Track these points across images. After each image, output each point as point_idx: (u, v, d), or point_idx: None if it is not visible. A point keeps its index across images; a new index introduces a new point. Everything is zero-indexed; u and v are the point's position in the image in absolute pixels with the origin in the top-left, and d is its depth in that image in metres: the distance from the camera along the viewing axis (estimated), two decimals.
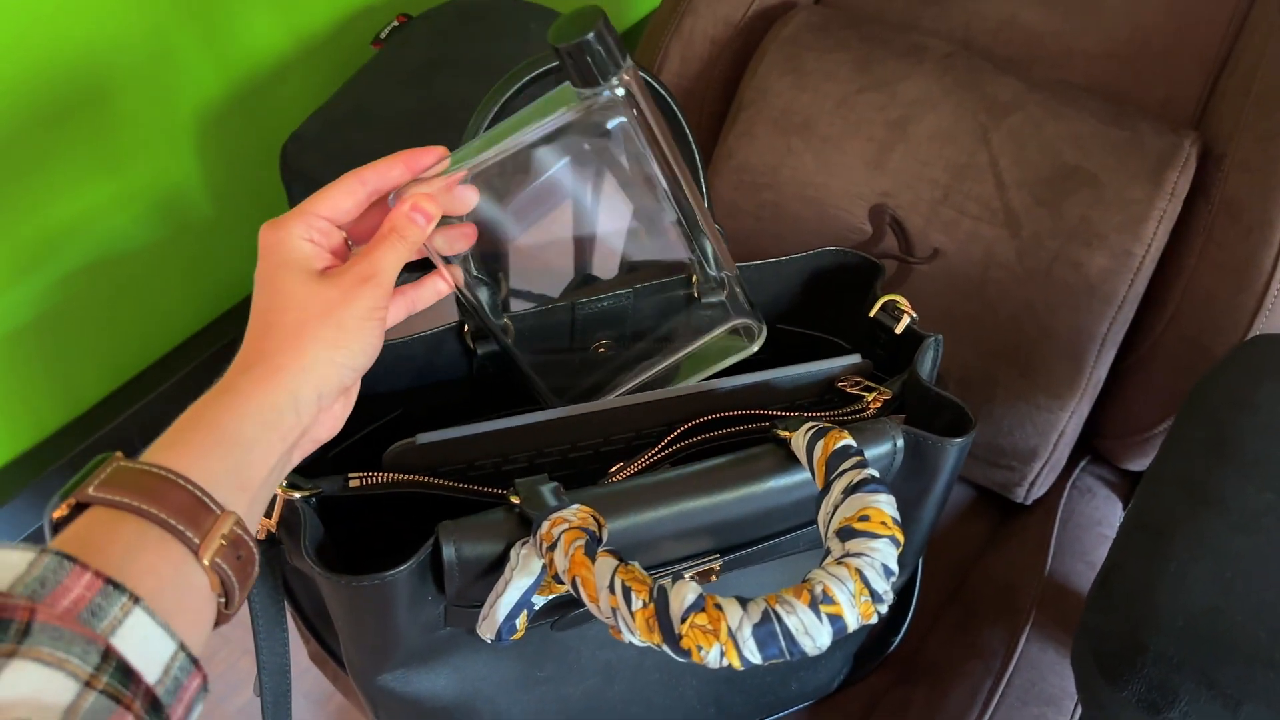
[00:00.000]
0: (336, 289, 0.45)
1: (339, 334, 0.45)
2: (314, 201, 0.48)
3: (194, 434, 0.41)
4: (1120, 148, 0.77)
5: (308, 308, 0.44)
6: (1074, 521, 0.84)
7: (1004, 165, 0.80)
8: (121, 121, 1.00)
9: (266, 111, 1.11)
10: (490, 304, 0.61)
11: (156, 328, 1.17)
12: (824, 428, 0.52)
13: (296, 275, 0.45)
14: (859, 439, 0.54)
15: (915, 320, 0.64)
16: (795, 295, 0.71)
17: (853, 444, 0.50)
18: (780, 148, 0.86)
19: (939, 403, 0.59)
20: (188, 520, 0.37)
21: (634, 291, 0.66)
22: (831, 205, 0.85)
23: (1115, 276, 0.76)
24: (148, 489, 0.37)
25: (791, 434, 0.53)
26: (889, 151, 0.83)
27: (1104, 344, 0.77)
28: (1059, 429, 0.80)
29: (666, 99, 0.63)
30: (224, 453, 0.40)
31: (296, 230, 0.47)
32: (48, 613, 0.31)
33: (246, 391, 0.42)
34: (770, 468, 0.54)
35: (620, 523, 0.51)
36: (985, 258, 0.80)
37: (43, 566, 0.33)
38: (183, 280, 1.16)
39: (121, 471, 0.38)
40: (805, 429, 0.52)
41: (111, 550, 0.35)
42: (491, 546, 0.50)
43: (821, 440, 0.51)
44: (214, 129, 1.07)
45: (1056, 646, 0.74)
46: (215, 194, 1.12)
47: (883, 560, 0.43)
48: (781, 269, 0.70)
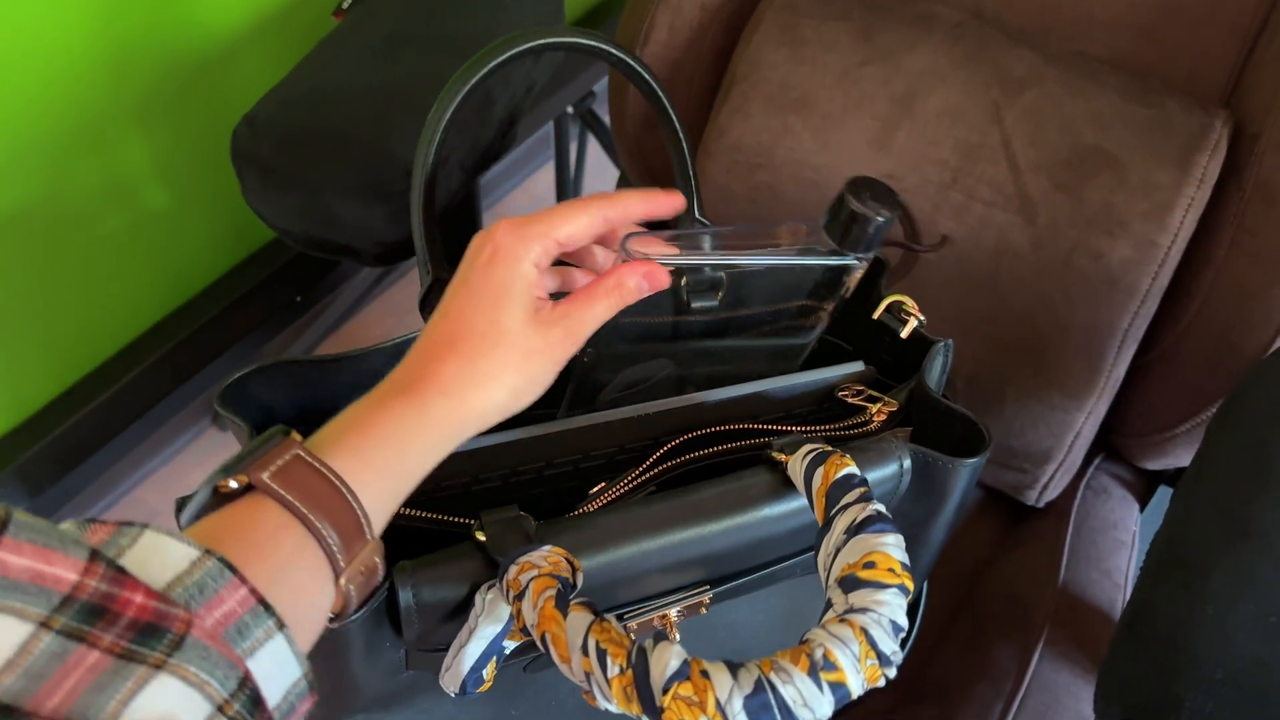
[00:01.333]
0: (543, 338, 0.44)
1: (529, 384, 0.44)
2: (556, 223, 0.45)
3: (377, 449, 0.40)
4: (1145, 127, 0.71)
5: (513, 347, 0.43)
6: (1088, 525, 0.79)
7: (1018, 146, 0.74)
8: (61, 105, 0.93)
9: (221, 90, 1.03)
10: None
11: (106, 323, 1.10)
12: (823, 452, 0.46)
13: (517, 308, 0.44)
14: (861, 460, 0.49)
15: (923, 323, 0.59)
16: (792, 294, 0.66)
17: (855, 473, 0.45)
18: (776, 126, 0.80)
19: (949, 415, 0.53)
20: (345, 542, 0.38)
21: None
22: (832, 188, 0.78)
23: (1138, 268, 0.70)
24: (321, 497, 0.37)
25: (788, 457, 0.48)
26: (894, 130, 0.77)
27: (1125, 340, 0.72)
28: (1074, 430, 0.75)
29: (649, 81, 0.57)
30: (396, 477, 0.41)
31: (535, 251, 0.44)
32: (201, 627, 0.31)
33: (435, 420, 0.42)
34: (764, 494, 0.49)
35: (600, 559, 0.46)
36: (997, 246, 0.74)
37: (204, 571, 0.32)
38: (133, 272, 1.09)
39: (299, 465, 0.38)
40: (803, 453, 0.47)
41: (270, 559, 0.36)
42: (455, 590, 0.45)
43: (821, 467, 0.45)
44: (164, 111, 1.00)
45: (1071, 666, 0.69)
46: (168, 180, 1.05)
47: (890, 616, 0.38)
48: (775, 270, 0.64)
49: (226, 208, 1.14)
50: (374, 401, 0.42)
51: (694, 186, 0.61)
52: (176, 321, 1.14)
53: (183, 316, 1.15)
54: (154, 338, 1.13)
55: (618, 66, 0.58)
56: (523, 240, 0.44)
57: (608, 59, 0.57)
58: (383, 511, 0.40)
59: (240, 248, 1.20)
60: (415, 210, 0.54)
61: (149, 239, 1.08)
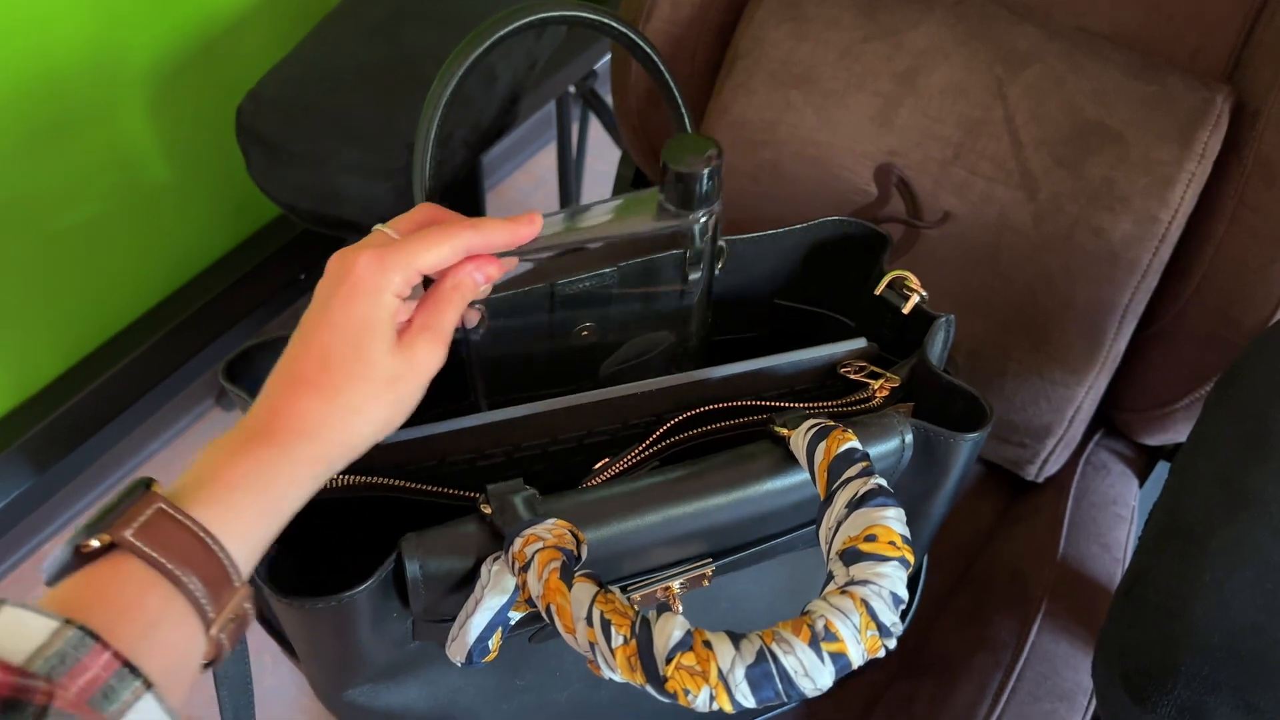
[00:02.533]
0: (406, 362, 0.44)
1: (396, 411, 0.45)
2: (418, 253, 0.45)
3: (242, 496, 0.40)
4: (1147, 104, 0.71)
5: (377, 379, 0.43)
6: (1087, 500, 0.79)
7: (1020, 122, 0.74)
8: (65, 81, 0.93)
9: (224, 67, 1.04)
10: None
11: (111, 301, 1.11)
12: (826, 427, 0.47)
13: (381, 340, 0.43)
14: (863, 435, 0.49)
15: (925, 299, 0.59)
16: (794, 269, 0.66)
17: (857, 447, 0.45)
18: (779, 102, 0.80)
19: (951, 391, 0.54)
20: (213, 594, 0.37)
21: (618, 270, 0.61)
22: (834, 165, 0.79)
23: (1139, 243, 0.70)
24: (186, 551, 0.37)
25: (790, 432, 0.49)
26: (896, 106, 0.77)
27: (1125, 315, 0.72)
28: (1075, 405, 0.75)
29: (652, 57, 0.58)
30: (263, 521, 0.40)
31: (396, 282, 0.44)
32: (64, 697, 0.31)
33: (300, 461, 0.41)
34: (766, 469, 0.49)
35: (604, 532, 0.47)
36: (999, 222, 0.74)
37: (65, 640, 0.32)
38: (138, 250, 1.10)
39: (162, 519, 0.37)
40: (805, 428, 0.48)
41: (137, 620, 0.35)
42: (460, 562, 0.45)
43: (823, 442, 0.46)
44: (167, 88, 1.00)
45: (1070, 638, 0.70)
46: (172, 158, 1.05)
47: (891, 588, 0.38)
48: (779, 241, 0.65)
49: (230, 185, 1.14)
50: (237, 444, 0.41)
51: None
52: (180, 299, 1.15)
53: (186, 294, 1.15)
54: (158, 315, 1.13)
55: (620, 41, 0.58)
56: (383, 271, 0.43)
57: (610, 33, 0.58)
58: (252, 555, 0.40)
59: (244, 225, 1.20)
60: (418, 186, 0.54)
61: (153, 216, 1.08)
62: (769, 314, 0.69)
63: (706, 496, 0.49)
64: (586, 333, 0.63)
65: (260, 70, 0.78)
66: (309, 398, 0.42)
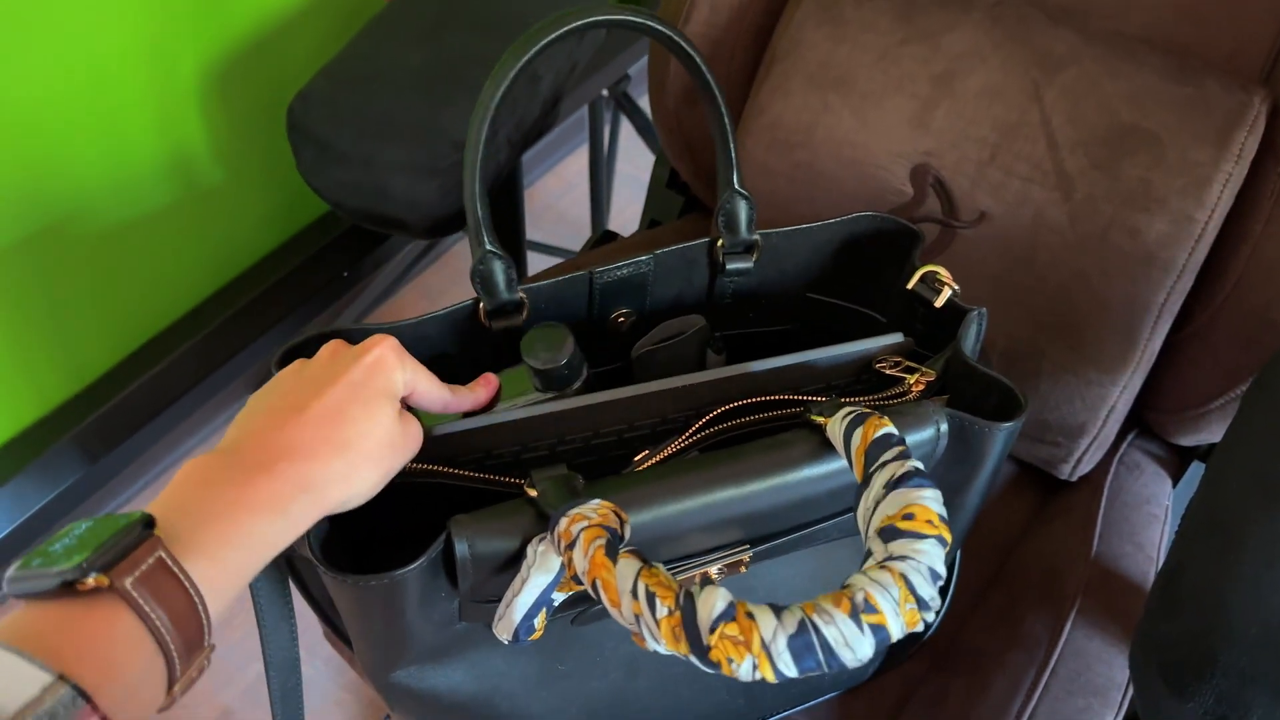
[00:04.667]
0: (403, 432, 0.48)
1: (384, 477, 0.47)
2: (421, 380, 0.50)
3: (235, 552, 0.40)
4: (1183, 106, 0.72)
5: (381, 443, 0.46)
6: (1121, 500, 0.80)
7: (1057, 124, 0.75)
8: (120, 80, 0.96)
9: (273, 68, 1.06)
10: (505, 279, 0.58)
11: (162, 295, 1.13)
12: (862, 413, 0.48)
13: (390, 408, 0.47)
14: (899, 423, 0.50)
15: (957, 293, 0.60)
16: (827, 263, 0.67)
17: (894, 432, 0.46)
18: (816, 104, 0.81)
19: (985, 383, 0.55)
20: (187, 655, 0.38)
21: (654, 258, 0.63)
22: (871, 165, 0.80)
23: (1175, 244, 0.71)
24: (176, 612, 0.37)
25: (827, 419, 0.50)
26: (933, 108, 0.78)
27: (1160, 315, 0.73)
28: (1109, 404, 0.76)
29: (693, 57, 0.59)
30: (246, 574, 0.41)
31: (405, 377, 0.49)
32: None
33: (295, 516, 0.42)
34: (804, 455, 0.50)
35: (645, 515, 0.48)
36: (1035, 222, 0.75)
37: (56, 699, 0.32)
38: (189, 245, 1.12)
39: (162, 573, 0.37)
40: (842, 415, 0.49)
41: (121, 680, 0.35)
42: (507, 542, 0.46)
43: (860, 428, 0.47)
44: (218, 87, 1.03)
45: (1103, 634, 0.70)
46: (221, 155, 1.08)
47: (929, 563, 0.39)
48: (813, 236, 0.66)
49: (276, 184, 1.17)
50: (235, 487, 0.41)
51: (733, 159, 0.62)
52: (227, 295, 1.18)
53: (233, 290, 1.18)
54: (205, 311, 1.16)
55: (663, 42, 0.60)
56: (400, 364, 0.48)
57: (655, 35, 0.59)
58: (234, 596, 0.41)
59: (289, 224, 1.23)
60: (469, 184, 0.56)
61: (202, 215, 1.11)
62: (801, 307, 0.70)
63: (744, 482, 0.50)
64: (623, 319, 0.65)
65: (308, 72, 0.80)
66: (319, 453, 0.44)
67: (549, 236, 1.61)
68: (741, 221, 0.63)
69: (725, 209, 0.63)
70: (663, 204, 1.02)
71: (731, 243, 0.63)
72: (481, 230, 0.56)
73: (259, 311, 1.15)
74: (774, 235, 0.64)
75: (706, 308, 0.67)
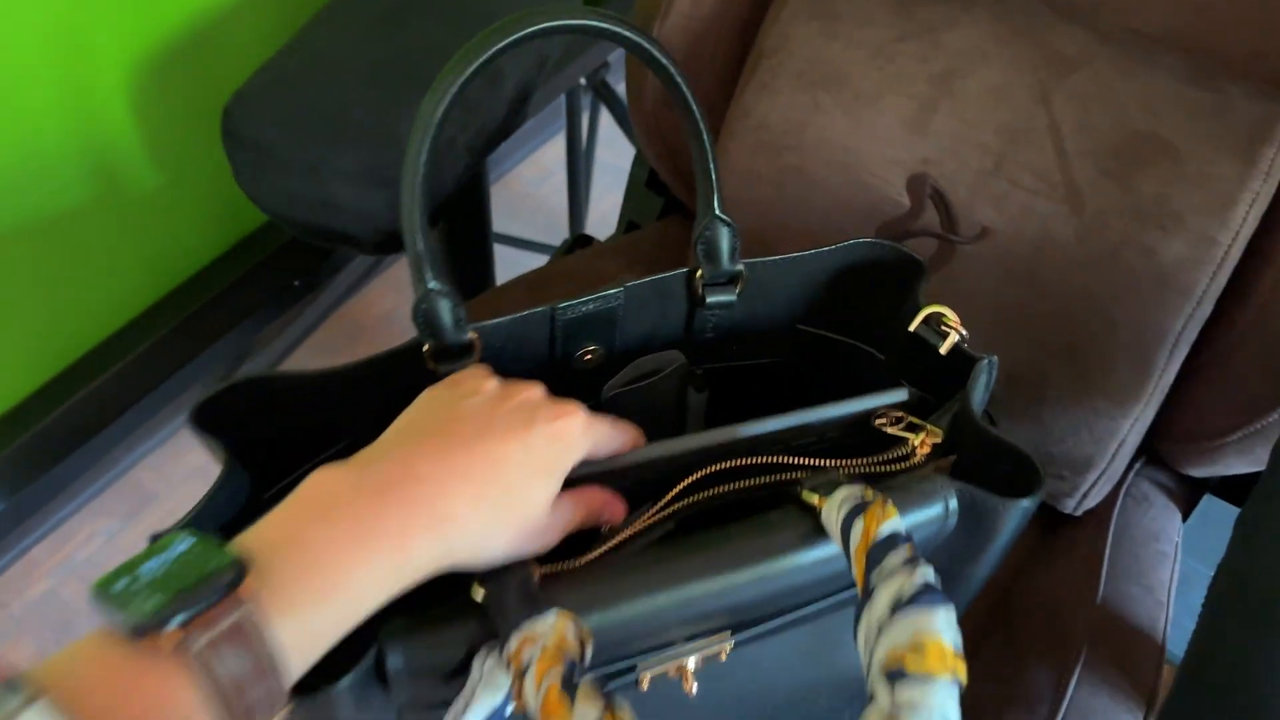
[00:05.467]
0: (548, 521, 0.43)
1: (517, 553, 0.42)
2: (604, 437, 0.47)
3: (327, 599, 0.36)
4: (1203, 113, 0.65)
5: (529, 519, 0.42)
6: (1128, 536, 0.74)
7: (1066, 130, 0.68)
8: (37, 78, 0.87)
9: (212, 61, 0.97)
10: (452, 318, 0.51)
11: (97, 308, 1.05)
12: (862, 501, 0.42)
13: (552, 487, 0.43)
14: (903, 500, 0.44)
15: (964, 338, 0.54)
16: (820, 293, 0.61)
17: (899, 531, 0.41)
18: (806, 104, 0.75)
19: (997, 448, 0.49)
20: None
21: (625, 291, 0.56)
22: (864, 172, 0.74)
23: (1194, 267, 0.65)
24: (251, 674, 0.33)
25: (821, 501, 0.44)
26: (932, 111, 0.72)
27: (1177, 344, 0.67)
28: (1119, 438, 0.70)
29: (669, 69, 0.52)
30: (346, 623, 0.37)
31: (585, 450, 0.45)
32: None
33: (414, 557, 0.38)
34: (794, 541, 0.45)
35: (613, 615, 0.42)
36: (1041, 238, 0.69)
37: None
38: (122, 256, 1.04)
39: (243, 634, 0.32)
40: (839, 501, 0.43)
41: None
42: (449, 654, 0.41)
43: (860, 519, 0.41)
44: (150, 84, 0.94)
45: (1110, 690, 0.65)
46: (156, 159, 1.00)
47: (942, 714, 0.34)
48: (804, 265, 0.59)
49: (221, 187, 1.08)
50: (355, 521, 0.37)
51: (714, 182, 0.56)
52: (170, 306, 1.10)
53: (177, 300, 1.10)
54: (147, 322, 1.08)
55: (635, 52, 0.53)
56: (588, 436, 0.44)
57: (625, 44, 0.52)
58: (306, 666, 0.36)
59: (235, 228, 1.15)
60: (407, 212, 0.49)
61: (139, 220, 1.03)
62: (790, 339, 0.64)
63: (727, 572, 0.44)
64: (590, 357, 0.59)
65: (251, 65, 0.72)
66: (462, 494, 0.39)
67: (526, 229, 1.54)
68: (723, 251, 0.57)
69: (705, 236, 0.56)
70: (641, 205, 0.95)
71: (712, 274, 0.57)
72: (423, 265, 0.50)
73: (203, 323, 1.07)
74: (760, 265, 0.58)
75: (684, 342, 0.61)
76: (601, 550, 0.47)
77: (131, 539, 1.22)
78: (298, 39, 0.73)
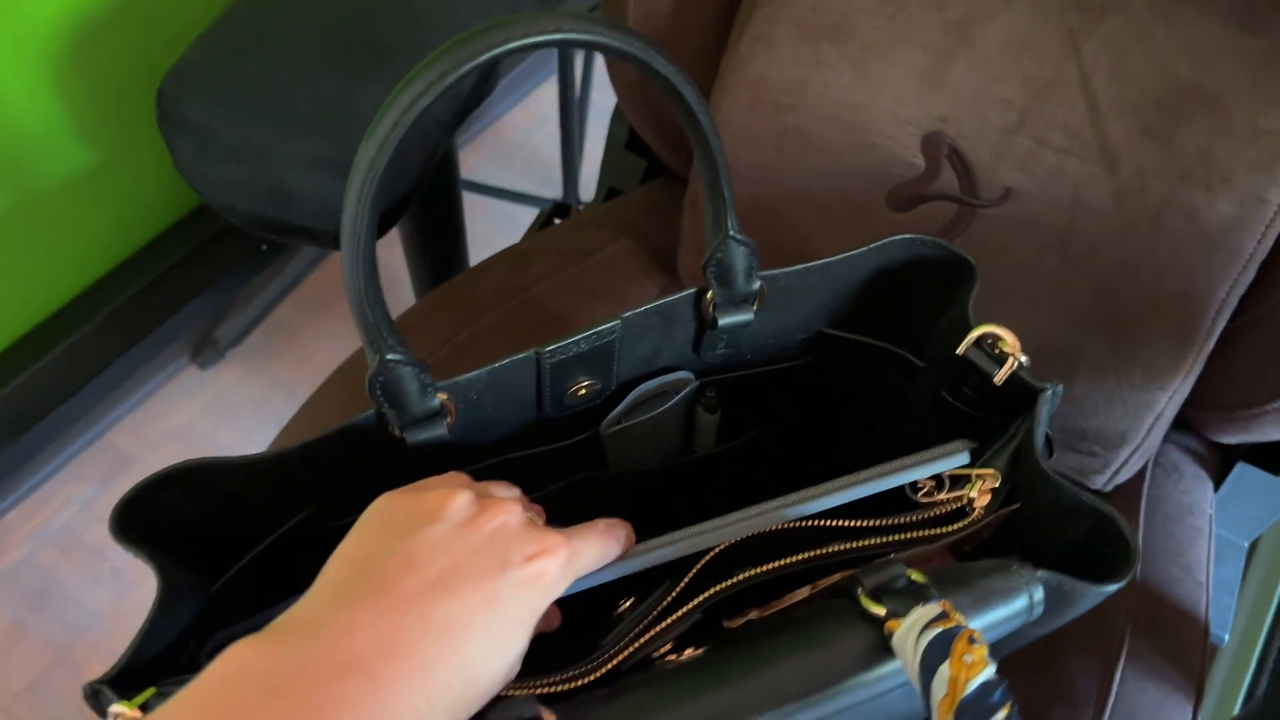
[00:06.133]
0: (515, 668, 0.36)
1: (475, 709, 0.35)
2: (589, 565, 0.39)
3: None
4: (1254, 61, 0.60)
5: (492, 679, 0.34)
6: (1161, 512, 0.70)
7: (1099, 82, 0.63)
8: None
9: (146, 32, 0.87)
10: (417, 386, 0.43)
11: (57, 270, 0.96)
12: (946, 633, 0.35)
13: (523, 639, 0.36)
14: (981, 599, 0.38)
15: (1024, 365, 0.47)
16: (848, 297, 0.53)
17: (994, 680, 0.34)
18: (808, 58, 0.68)
19: (1075, 508, 0.41)
20: None
21: (622, 322, 0.48)
22: (873, 132, 0.68)
23: (1241, 228, 0.60)
24: None
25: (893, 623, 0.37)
26: (948, 63, 0.65)
27: (1220, 311, 0.62)
28: (1155, 412, 0.66)
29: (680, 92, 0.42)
30: None
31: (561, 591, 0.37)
32: None
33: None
34: (854, 661, 0.37)
35: None
36: (1072, 201, 0.63)
37: None
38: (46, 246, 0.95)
39: None
40: (915, 627, 0.36)
41: None
42: None
43: (946, 665, 0.34)
44: (76, 57, 0.84)
45: (1157, 681, 0.62)
46: (86, 140, 0.90)
47: None
48: (832, 272, 0.51)
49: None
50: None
51: (727, 200, 0.47)
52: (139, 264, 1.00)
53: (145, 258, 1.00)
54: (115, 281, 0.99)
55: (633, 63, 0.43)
56: (566, 578, 0.37)
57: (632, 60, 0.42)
58: None
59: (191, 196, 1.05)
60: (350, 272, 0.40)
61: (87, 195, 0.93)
62: (812, 344, 0.57)
63: (773, 707, 0.37)
64: (584, 391, 0.50)
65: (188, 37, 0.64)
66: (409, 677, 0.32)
67: (519, 180, 1.44)
68: (738, 273, 0.48)
69: (716, 260, 0.48)
70: (622, 168, 0.88)
71: (725, 296, 0.49)
72: (377, 335, 0.41)
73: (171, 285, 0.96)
74: (782, 277, 0.51)
75: (691, 361, 0.54)
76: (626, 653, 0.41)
77: (107, 505, 1.15)
78: (236, 9, 0.64)
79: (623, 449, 0.54)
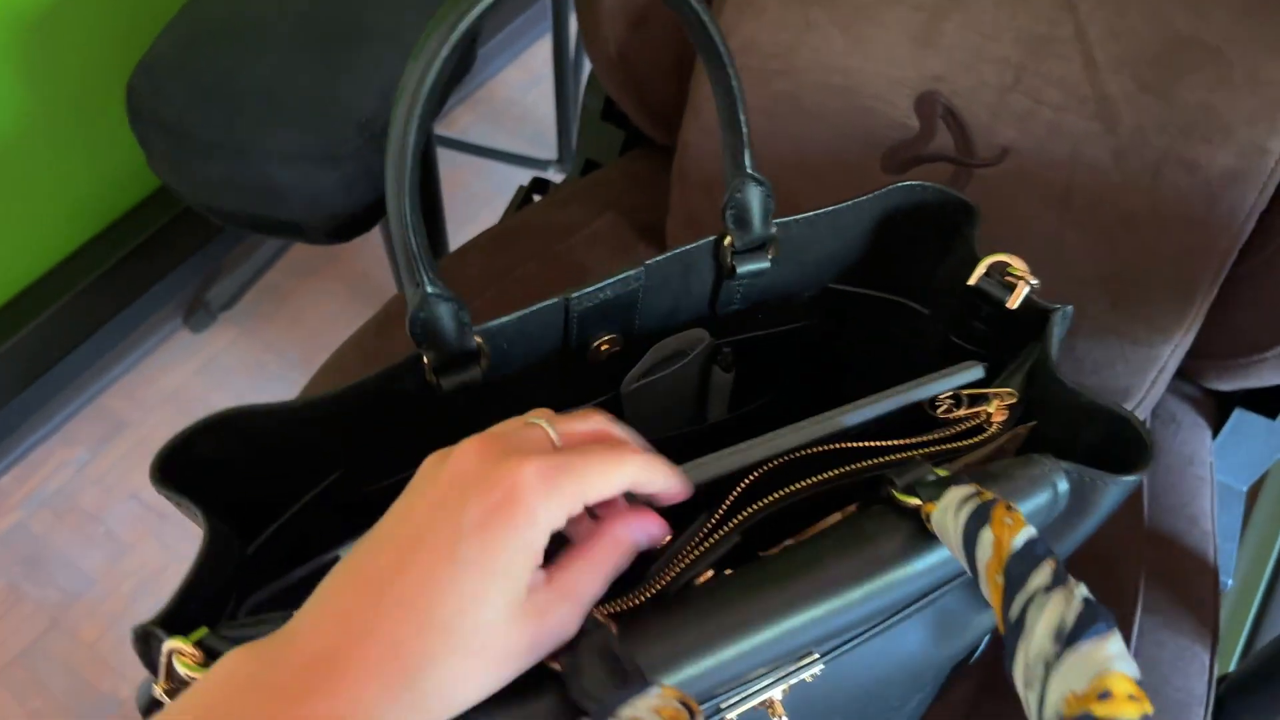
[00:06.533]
0: (530, 637, 0.32)
1: (496, 684, 0.32)
2: (594, 482, 0.33)
3: None
4: (1253, 12, 0.60)
5: (484, 653, 0.31)
6: (1163, 463, 0.71)
7: (1095, 37, 0.62)
8: None
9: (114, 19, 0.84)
10: (455, 324, 0.43)
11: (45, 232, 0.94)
12: (983, 504, 0.36)
13: (506, 599, 0.31)
14: (1007, 491, 0.39)
15: (1035, 288, 0.48)
16: (854, 248, 0.54)
17: (1036, 537, 0.35)
18: (796, 21, 0.67)
19: (1091, 412, 0.43)
20: None
21: (645, 270, 0.49)
22: (866, 95, 0.67)
23: (1243, 181, 0.60)
24: None
25: (928, 507, 0.38)
26: (941, 21, 0.64)
27: (1223, 264, 0.62)
28: (1158, 366, 0.66)
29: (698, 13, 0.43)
30: None
31: (558, 516, 0.32)
32: None
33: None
34: (896, 552, 0.39)
35: (707, 663, 0.37)
36: (1070, 159, 0.63)
37: None
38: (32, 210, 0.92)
39: None
40: (954, 505, 0.37)
41: None
42: None
43: (987, 530, 0.35)
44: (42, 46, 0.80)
45: (1174, 634, 0.62)
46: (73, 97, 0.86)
47: None
48: (839, 219, 0.52)
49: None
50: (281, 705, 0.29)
51: (745, 136, 0.48)
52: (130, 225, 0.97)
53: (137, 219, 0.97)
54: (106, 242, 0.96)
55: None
56: (549, 495, 0.32)
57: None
58: None
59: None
60: (395, 203, 0.41)
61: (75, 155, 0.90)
62: (820, 300, 0.57)
63: (830, 599, 0.38)
64: (606, 347, 0.52)
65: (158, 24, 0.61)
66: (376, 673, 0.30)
67: (512, 141, 1.40)
68: (755, 214, 0.49)
69: (734, 200, 0.49)
70: (600, 140, 0.86)
71: (743, 241, 0.50)
72: (417, 267, 0.42)
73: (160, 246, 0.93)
74: (794, 224, 0.51)
75: (707, 317, 0.54)
76: (667, 579, 0.41)
77: (101, 468, 1.16)
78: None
79: (641, 410, 0.55)
